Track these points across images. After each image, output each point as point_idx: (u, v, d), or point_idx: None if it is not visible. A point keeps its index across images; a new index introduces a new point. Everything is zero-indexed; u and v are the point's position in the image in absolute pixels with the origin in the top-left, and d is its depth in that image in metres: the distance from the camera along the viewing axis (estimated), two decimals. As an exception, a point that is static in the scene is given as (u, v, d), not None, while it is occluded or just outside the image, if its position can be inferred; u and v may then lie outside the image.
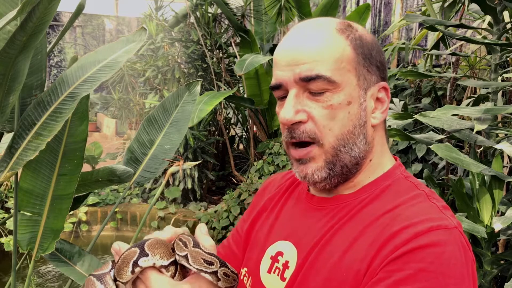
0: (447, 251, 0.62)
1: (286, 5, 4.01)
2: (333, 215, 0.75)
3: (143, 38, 1.40)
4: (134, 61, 5.62)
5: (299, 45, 0.71)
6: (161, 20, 5.40)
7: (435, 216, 0.66)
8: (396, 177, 0.76)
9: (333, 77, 0.69)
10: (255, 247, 0.86)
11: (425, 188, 0.74)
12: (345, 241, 0.70)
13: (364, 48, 0.73)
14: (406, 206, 0.69)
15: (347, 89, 0.71)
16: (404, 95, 3.79)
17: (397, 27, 3.92)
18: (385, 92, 0.76)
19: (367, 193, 0.74)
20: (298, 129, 0.72)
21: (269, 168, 3.99)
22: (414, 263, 0.62)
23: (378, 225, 0.68)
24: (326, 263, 0.70)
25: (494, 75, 1.98)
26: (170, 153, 1.70)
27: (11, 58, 1.13)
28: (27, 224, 1.44)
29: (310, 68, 0.69)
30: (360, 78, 0.72)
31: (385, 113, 0.75)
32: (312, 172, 0.73)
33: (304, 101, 0.71)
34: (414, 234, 0.63)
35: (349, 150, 0.72)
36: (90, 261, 1.55)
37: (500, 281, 2.13)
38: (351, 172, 0.74)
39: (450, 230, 0.64)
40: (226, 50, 4.78)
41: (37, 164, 1.39)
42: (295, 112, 0.71)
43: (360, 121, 0.72)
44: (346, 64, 0.71)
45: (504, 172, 2.28)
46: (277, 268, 0.78)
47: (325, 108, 0.70)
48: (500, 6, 1.86)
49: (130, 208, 4.82)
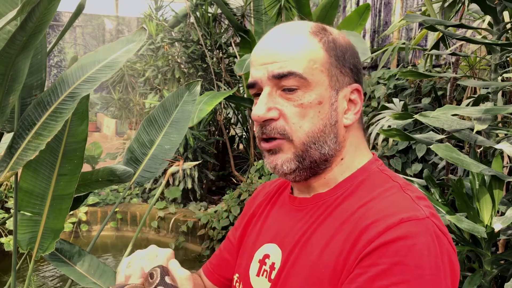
0: (419, 242, 0.62)
1: (286, 5, 4.01)
2: (312, 214, 0.76)
3: (143, 38, 1.40)
4: (134, 61, 5.62)
5: (274, 46, 0.74)
6: (161, 20, 5.40)
7: (406, 207, 0.67)
8: (372, 171, 0.77)
9: (304, 74, 0.72)
10: (244, 253, 0.88)
11: (400, 180, 0.75)
12: (322, 238, 0.71)
13: (337, 51, 0.75)
14: (379, 199, 0.70)
15: (319, 89, 0.73)
16: (404, 95, 3.79)
17: (397, 27, 3.92)
18: (358, 94, 0.77)
19: (343, 190, 0.76)
20: (269, 126, 0.74)
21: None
22: (388, 258, 0.62)
23: (352, 220, 0.69)
24: (306, 262, 0.71)
25: (494, 75, 1.98)
26: (170, 153, 1.70)
27: (11, 58, 1.13)
28: (27, 224, 1.44)
29: (282, 66, 0.72)
30: (332, 79, 0.74)
31: (357, 114, 0.77)
32: (282, 163, 0.75)
33: (277, 99, 0.74)
34: (386, 227, 0.64)
35: (319, 147, 0.74)
36: (90, 261, 1.55)
37: (500, 281, 2.13)
38: (320, 168, 0.76)
39: (421, 220, 0.65)
40: (226, 50, 4.78)
41: (37, 164, 1.39)
42: (267, 110, 0.73)
43: (330, 120, 0.74)
44: (318, 65, 0.73)
45: (504, 172, 2.28)
46: (265, 271, 0.79)
47: (296, 106, 0.73)
48: (500, 6, 1.86)
49: (130, 208, 4.82)
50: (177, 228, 4.55)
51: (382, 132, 1.88)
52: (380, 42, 5.56)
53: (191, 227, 4.44)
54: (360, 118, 0.79)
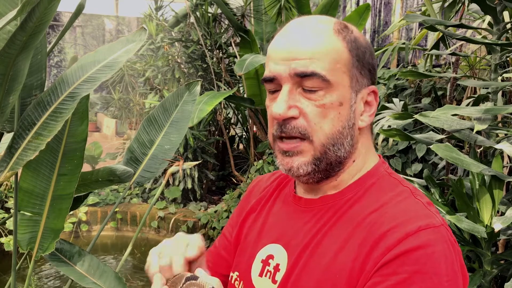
0: (437, 250, 0.64)
1: (286, 5, 4.01)
2: (321, 216, 0.75)
3: (143, 38, 1.40)
4: (134, 61, 5.62)
5: (297, 41, 0.71)
6: (161, 20, 5.40)
7: (421, 214, 0.68)
8: (380, 174, 0.77)
9: (327, 76, 0.70)
10: (245, 251, 0.86)
11: (409, 185, 0.75)
12: (335, 242, 0.71)
13: (358, 51, 0.73)
14: (392, 204, 0.70)
15: (340, 90, 0.71)
16: (404, 95, 3.79)
17: (397, 27, 3.92)
18: (374, 95, 0.76)
19: (352, 193, 0.75)
20: (290, 124, 0.72)
21: (269, 168, 3.99)
22: (408, 266, 0.63)
23: (366, 224, 0.69)
24: (318, 265, 0.71)
25: (494, 75, 1.98)
26: (170, 153, 1.70)
27: (11, 58, 1.13)
28: (27, 224, 1.44)
29: (306, 65, 0.70)
30: (353, 80, 0.73)
31: (372, 117, 0.76)
32: (298, 165, 0.73)
33: (297, 97, 0.72)
34: (405, 234, 0.64)
35: (336, 150, 0.73)
36: (90, 261, 1.55)
37: (500, 281, 2.13)
38: (334, 170, 0.75)
39: (438, 228, 0.66)
40: (226, 50, 4.77)
41: (37, 164, 1.39)
42: (288, 108, 0.71)
43: (349, 122, 0.73)
44: (341, 66, 0.71)
45: (504, 172, 2.28)
46: (268, 271, 0.78)
47: (317, 106, 0.71)
48: (500, 6, 1.86)
49: (130, 208, 4.82)
50: (177, 228, 4.55)
51: (382, 132, 1.88)
52: (380, 42, 5.56)
53: (191, 227, 4.44)
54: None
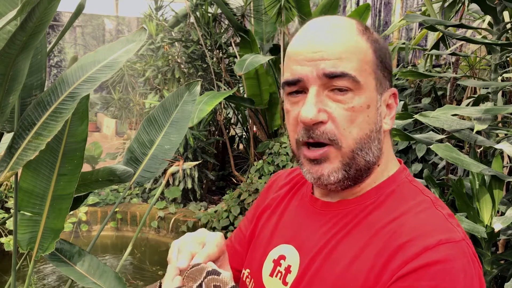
0: (456, 266, 0.61)
1: (286, 5, 4.01)
2: (337, 221, 0.73)
3: (143, 38, 1.40)
4: (134, 61, 5.61)
5: (322, 41, 0.68)
6: (161, 20, 5.40)
7: (442, 227, 0.65)
8: (401, 181, 0.74)
9: (357, 77, 0.67)
10: (257, 249, 0.85)
11: (430, 194, 0.72)
12: (351, 250, 0.69)
13: (381, 52, 0.72)
14: (412, 214, 0.68)
15: (368, 92, 0.69)
16: (404, 95, 3.79)
17: (397, 27, 3.92)
18: (394, 98, 0.75)
19: (372, 199, 0.73)
20: (318, 130, 0.68)
21: (269, 168, 3.99)
22: (425, 281, 0.61)
23: (384, 234, 0.67)
24: (332, 272, 0.69)
25: (494, 75, 1.98)
26: (170, 153, 1.70)
27: (11, 58, 1.13)
28: (27, 224, 1.44)
29: (335, 65, 0.67)
30: (377, 82, 0.71)
31: (393, 120, 0.74)
32: (328, 173, 0.70)
33: (325, 100, 0.68)
34: (424, 248, 0.62)
35: (365, 155, 0.70)
36: (90, 261, 1.55)
37: (500, 281, 2.13)
38: (362, 176, 0.72)
39: (459, 243, 0.63)
40: (226, 50, 4.77)
41: (37, 164, 1.39)
42: (318, 111, 0.67)
43: (376, 125, 0.71)
44: (368, 67, 0.69)
45: (504, 172, 2.28)
46: (279, 272, 0.77)
47: (346, 109, 0.67)
48: (500, 6, 1.86)
49: (130, 208, 4.82)
50: (177, 228, 4.55)
51: (382, 132, 1.88)
52: (380, 42, 5.55)
53: (191, 227, 4.44)
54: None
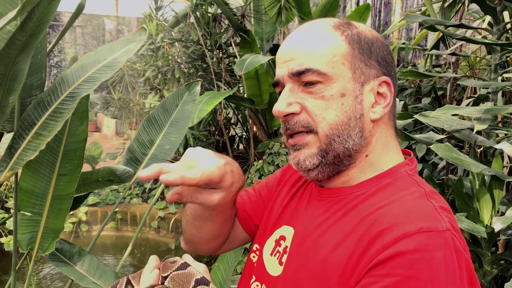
0: (437, 256, 0.59)
1: (286, 5, 4.01)
2: (329, 207, 0.75)
3: (143, 38, 1.40)
4: (134, 61, 5.62)
5: (294, 43, 0.76)
6: (161, 20, 5.40)
7: (427, 216, 0.64)
8: (400, 175, 0.75)
9: (323, 69, 0.72)
10: (267, 226, 0.88)
11: (427, 187, 0.72)
12: (336, 236, 0.70)
13: (362, 43, 0.74)
14: (399, 203, 0.68)
15: (341, 81, 0.72)
16: (404, 95, 3.79)
17: (397, 27, 3.92)
18: (387, 86, 0.75)
19: (365, 189, 0.73)
20: (292, 120, 0.74)
21: (269, 168, 3.99)
22: (402, 269, 0.59)
23: (368, 220, 0.67)
24: (317, 256, 0.70)
25: (494, 75, 1.98)
26: (170, 153, 1.70)
27: (11, 58, 1.13)
28: (27, 224, 1.44)
29: (300, 63, 0.73)
30: (356, 71, 0.73)
31: (387, 108, 0.75)
32: (304, 158, 0.74)
33: (299, 94, 0.74)
34: (402, 234, 0.61)
35: (343, 141, 0.72)
36: (90, 261, 1.55)
37: (500, 281, 2.13)
38: (343, 164, 0.74)
39: (441, 233, 0.61)
40: (226, 50, 4.77)
41: (37, 164, 1.39)
42: (287, 105, 0.74)
43: (355, 113, 0.73)
44: (339, 58, 0.73)
45: (504, 172, 2.28)
46: (278, 252, 0.80)
47: (317, 99, 0.73)
48: (500, 6, 1.86)
49: (130, 208, 4.82)
50: (177, 228, 4.55)
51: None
52: (380, 42, 5.55)
53: (191, 227, 4.44)
54: (390, 114, 0.77)
